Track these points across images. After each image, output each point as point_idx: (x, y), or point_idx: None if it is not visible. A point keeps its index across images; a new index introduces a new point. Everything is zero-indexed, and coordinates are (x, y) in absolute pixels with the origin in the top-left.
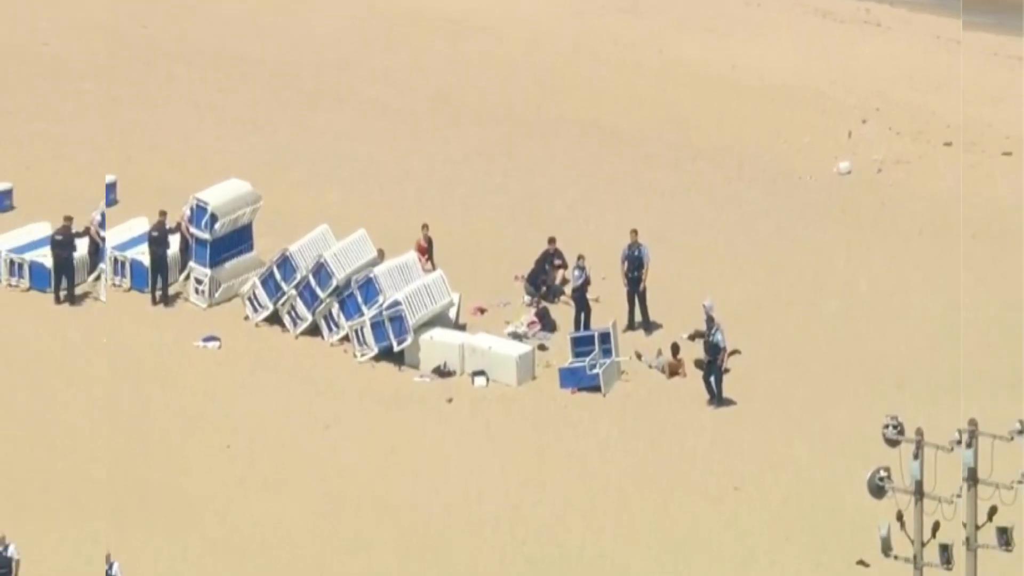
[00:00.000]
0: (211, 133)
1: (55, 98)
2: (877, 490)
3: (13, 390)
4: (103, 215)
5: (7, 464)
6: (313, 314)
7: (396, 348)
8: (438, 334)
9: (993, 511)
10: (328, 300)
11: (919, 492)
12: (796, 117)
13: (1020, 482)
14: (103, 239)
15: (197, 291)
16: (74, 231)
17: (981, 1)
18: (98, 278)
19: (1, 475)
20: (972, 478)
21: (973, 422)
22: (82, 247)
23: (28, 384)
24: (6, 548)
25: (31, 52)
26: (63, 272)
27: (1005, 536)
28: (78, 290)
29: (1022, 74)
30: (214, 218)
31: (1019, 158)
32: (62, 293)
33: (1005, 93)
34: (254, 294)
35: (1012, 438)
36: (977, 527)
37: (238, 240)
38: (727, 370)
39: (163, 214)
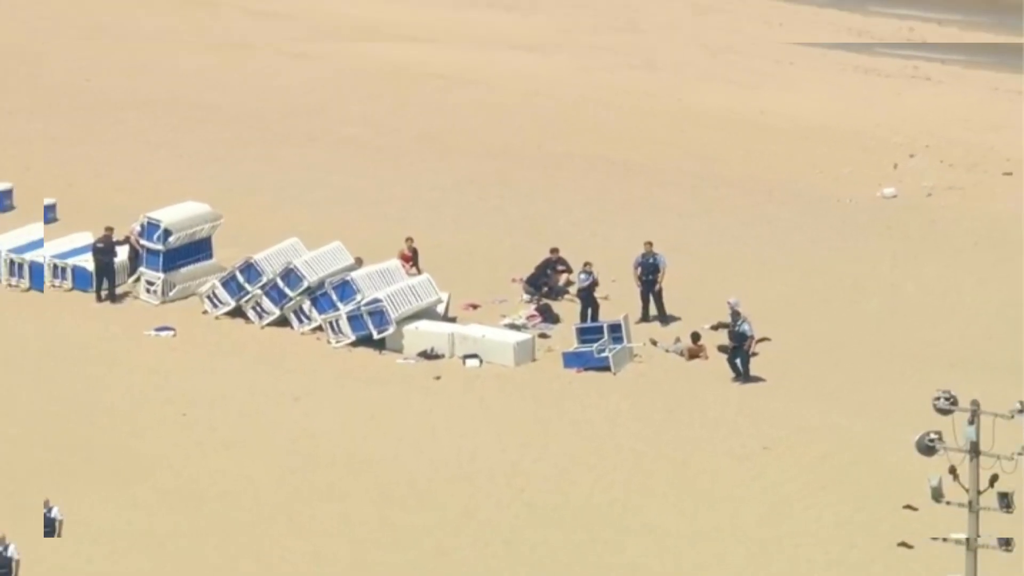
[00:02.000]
0: (164, 165)
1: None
2: (927, 449)
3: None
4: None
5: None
6: (281, 309)
7: (376, 336)
8: (424, 324)
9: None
10: (298, 298)
11: (975, 451)
12: (834, 153)
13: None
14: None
15: (148, 291)
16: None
17: (981, 1)
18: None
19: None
20: None
21: None
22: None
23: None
24: (6, 548)
25: None
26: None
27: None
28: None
29: None
30: (168, 233)
31: None
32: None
33: None
34: (214, 293)
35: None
36: None
37: (195, 250)
38: (755, 354)
39: (109, 229)
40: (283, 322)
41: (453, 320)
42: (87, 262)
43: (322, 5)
